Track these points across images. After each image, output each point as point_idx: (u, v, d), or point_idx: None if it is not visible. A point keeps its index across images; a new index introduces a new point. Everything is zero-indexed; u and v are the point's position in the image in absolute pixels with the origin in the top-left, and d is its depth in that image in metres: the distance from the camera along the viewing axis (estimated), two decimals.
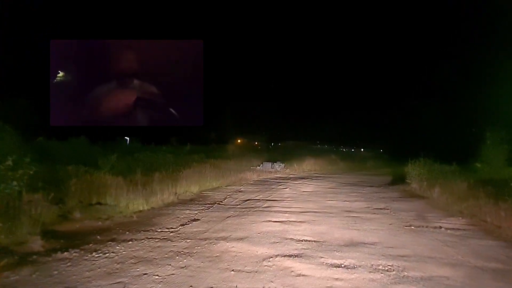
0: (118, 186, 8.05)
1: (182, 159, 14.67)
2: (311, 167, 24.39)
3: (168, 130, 22.97)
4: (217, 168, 16.41)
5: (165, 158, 12.45)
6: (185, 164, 13.50)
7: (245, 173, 17.16)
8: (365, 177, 19.18)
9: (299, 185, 13.99)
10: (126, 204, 7.68)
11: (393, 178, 17.57)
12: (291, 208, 8.90)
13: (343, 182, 15.74)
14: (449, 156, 25.35)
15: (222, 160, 20.24)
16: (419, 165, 12.76)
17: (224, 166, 18.36)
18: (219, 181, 13.48)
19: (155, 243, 5.49)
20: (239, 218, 7.53)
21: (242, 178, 15.68)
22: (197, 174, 12.59)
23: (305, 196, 11.24)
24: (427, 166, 12.58)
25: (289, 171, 21.41)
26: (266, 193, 11.50)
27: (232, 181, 14.45)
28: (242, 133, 39.78)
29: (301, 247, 5.46)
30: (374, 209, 9.04)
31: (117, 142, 26.86)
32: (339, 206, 9.44)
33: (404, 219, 7.80)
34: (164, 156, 12.52)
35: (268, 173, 19.52)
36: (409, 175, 12.86)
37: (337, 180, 16.61)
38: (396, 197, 11.18)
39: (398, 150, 37.66)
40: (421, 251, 5.40)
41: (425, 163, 12.74)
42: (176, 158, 13.70)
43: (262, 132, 41.84)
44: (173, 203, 9.19)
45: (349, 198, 10.83)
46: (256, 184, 14.13)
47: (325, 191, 12.62)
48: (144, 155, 11.83)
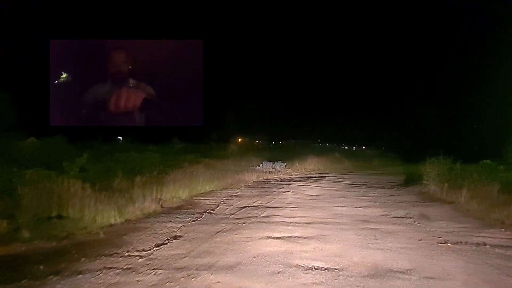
0: (85, 194, 6.62)
1: (172, 159, 13.23)
2: (314, 166, 22.95)
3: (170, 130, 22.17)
4: (212, 168, 14.99)
5: (152, 159, 11.03)
6: (176, 165, 12.07)
7: (243, 174, 15.74)
8: (373, 177, 17.74)
9: (302, 188, 12.56)
10: (93, 217, 6.26)
11: (404, 178, 16.13)
12: (295, 217, 7.47)
13: (351, 183, 14.31)
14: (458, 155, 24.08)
15: (219, 160, 18.81)
16: (438, 164, 11.29)
17: (221, 166, 16.95)
18: (213, 183, 12.05)
19: (113, 277, 4.06)
20: (232, 233, 6.10)
21: (239, 180, 14.26)
22: (188, 176, 11.16)
23: (310, 201, 9.81)
24: (447, 165, 11.12)
25: (291, 171, 19.98)
26: (265, 198, 10.07)
27: (228, 183, 13.02)
28: (244, 132, 38.55)
29: (311, 281, 4.03)
30: (394, 217, 7.61)
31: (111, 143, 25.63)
32: (351, 214, 8.01)
33: (435, 231, 6.37)
34: (151, 156, 11.09)
35: (268, 173, 18.09)
36: (427, 176, 11.40)
37: (343, 181, 15.18)
38: (415, 202, 9.74)
39: (402, 149, 36.36)
40: (475, 284, 3.97)
41: (444, 162, 11.26)
42: (165, 158, 12.27)
43: (263, 131, 40.52)
44: (155, 213, 7.76)
45: (361, 203, 9.41)
46: (255, 187, 12.70)
47: (332, 194, 11.19)
48: (127, 155, 10.40)
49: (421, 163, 27.44)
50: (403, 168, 24.48)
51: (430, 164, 11.45)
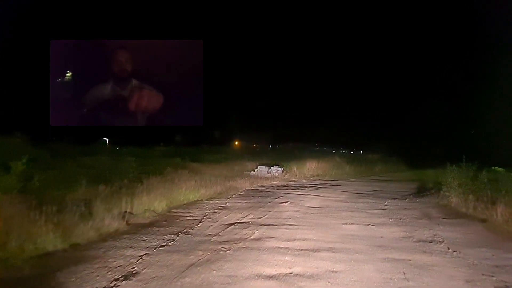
0: (14, 212, 4.97)
1: (154, 163, 11.60)
2: (313, 171, 21.36)
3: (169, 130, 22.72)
4: (201, 174, 13.38)
5: (128, 163, 9.43)
6: (155, 171, 10.44)
7: (236, 181, 14.14)
8: (380, 184, 16.14)
9: (302, 197, 10.96)
10: (20, 244, 4.61)
11: (415, 187, 14.56)
12: (295, 240, 5.87)
13: (356, 192, 12.71)
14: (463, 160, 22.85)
15: (210, 165, 17.22)
16: (460, 171, 9.70)
17: (211, 171, 15.35)
18: (199, 192, 10.42)
19: None
20: (209, 268, 4.47)
21: (231, 188, 12.64)
22: (168, 184, 9.54)
23: (312, 215, 8.20)
24: (470, 173, 9.54)
25: (289, 177, 18.36)
26: (258, 212, 8.46)
27: (217, 192, 11.40)
28: (241, 134, 37.38)
29: None
30: (419, 241, 6.01)
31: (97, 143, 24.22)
32: (365, 235, 6.41)
33: (481, 265, 4.77)
34: (127, 160, 9.48)
35: (264, 179, 16.48)
36: (446, 185, 9.82)
37: (347, 189, 13.58)
38: (437, 218, 8.14)
39: (405, 153, 34.87)
40: None
41: (467, 169, 9.68)
42: (145, 162, 10.68)
43: (261, 134, 39.17)
44: (117, 233, 6.13)
45: (373, 219, 7.82)
46: (248, 196, 11.08)
47: (337, 206, 9.59)
48: (94, 159, 8.78)
49: (428, 169, 26.06)
50: (409, 174, 22.95)
51: (451, 172, 9.82)
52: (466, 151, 29.00)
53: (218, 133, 31.40)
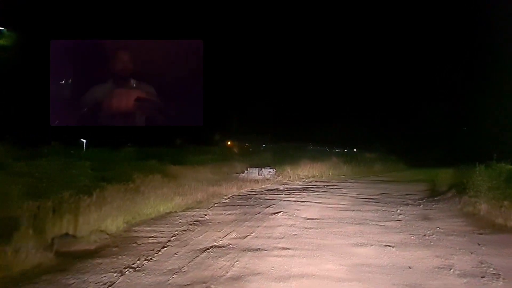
0: None
1: (118, 168, 9.73)
2: (309, 172, 19.65)
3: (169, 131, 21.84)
4: (180, 179, 11.57)
5: (81, 169, 7.59)
6: (119, 177, 8.58)
7: (221, 185, 12.34)
8: (383, 186, 14.43)
9: (297, 205, 9.19)
10: None
11: (425, 189, 12.93)
12: (290, 280, 4.08)
13: (359, 196, 10.97)
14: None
15: (193, 167, 15.38)
16: (489, 172, 8.02)
17: (193, 175, 13.54)
18: (173, 202, 8.59)
19: None
20: None
21: (214, 194, 10.83)
22: (132, 195, 7.69)
23: (311, 232, 6.43)
24: (503, 175, 7.86)
25: (282, 179, 16.62)
26: (243, 228, 6.67)
27: (196, 200, 9.58)
28: (236, 134, 35.88)
29: None
30: (464, 275, 4.25)
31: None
32: (385, 264, 4.64)
33: None
34: (80, 165, 7.63)
35: (254, 182, 14.69)
36: (473, 189, 8.12)
37: (349, 193, 11.84)
38: (469, 231, 6.42)
39: (403, 152, 33.37)
40: None
41: (499, 169, 7.99)
42: (105, 167, 8.84)
43: (254, 134, 37.57)
44: (35, 271, 4.27)
45: (389, 236, 6.07)
46: (233, 205, 9.27)
47: (341, 217, 7.83)
48: (34, 165, 6.91)
49: (429, 168, 24.55)
50: (411, 174, 21.42)
51: (480, 173, 8.12)
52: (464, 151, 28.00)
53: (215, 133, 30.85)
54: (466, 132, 38.20)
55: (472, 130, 36.74)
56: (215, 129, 29.27)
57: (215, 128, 28.77)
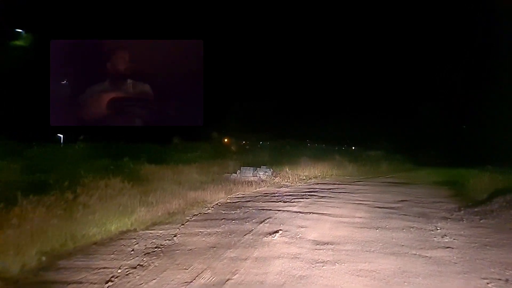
0: None
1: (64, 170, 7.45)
2: (310, 172, 17.45)
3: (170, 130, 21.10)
4: (153, 182, 9.33)
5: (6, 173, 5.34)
6: (58, 183, 6.30)
7: (207, 189, 10.11)
8: (399, 189, 12.21)
9: (301, 219, 6.96)
10: None
11: (450, 193, 10.75)
12: None
13: (377, 205, 8.76)
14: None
15: (176, 167, 13.14)
16: None
17: (174, 176, 11.29)
18: (133, 215, 6.35)
19: None
20: None
21: (195, 202, 8.60)
22: (67, 208, 5.43)
23: (326, 271, 4.20)
24: None
25: (280, 180, 14.38)
26: (223, 263, 4.45)
27: (169, 211, 7.34)
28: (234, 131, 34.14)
29: None
30: None
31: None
32: None
33: None
34: None
35: (247, 184, 12.42)
36: None
37: (362, 200, 9.63)
38: None
39: (408, 150, 31.37)
40: None
41: None
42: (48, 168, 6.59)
43: (253, 131, 35.75)
44: None
45: (453, 283, 3.87)
46: (216, 219, 7.03)
47: (363, 239, 5.62)
48: None
49: (441, 168, 22.47)
50: (423, 175, 19.27)
51: None
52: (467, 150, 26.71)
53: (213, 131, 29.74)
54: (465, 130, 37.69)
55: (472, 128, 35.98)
56: (214, 126, 28.83)
57: (214, 126, 28.45)
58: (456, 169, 21.03)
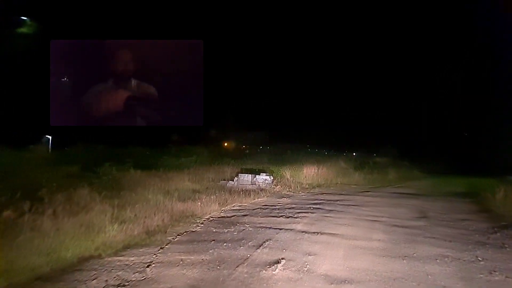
0: None
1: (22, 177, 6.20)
2: (313, 179, 16.24)
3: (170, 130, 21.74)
4: (136, 191, 8.08)
5: None
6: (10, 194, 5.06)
7: (198, 200, 8.90)
8: (415, 202, 10.91)
9: (307, 243, 5.71)
10: None
11: (476, 209, 9.48)
12: None
13: (396, 223, 7.48)
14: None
15: (167, 173, 11.91)
16: None
17: (161, 184, 10.05)
18: (102, 236, 5.09)
19: None
20: None
21: (182, 216, 7.35)
22: (8, 228, 4.18)
23: None
24: None
25: (281, 189, 13.15)
26: None
27: (151, 227, 6.09)
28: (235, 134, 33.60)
29: None
30: None
31: None
32: None
33: None
34: None
35: (244, 194, 11.17)
36: None
37: (376, 215, 8.37)
38: None
39: (416, 156, 30.10)
40: None
41: None
42: None
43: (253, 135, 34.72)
44: None
45: None
46: (204, 240, 5.76)
47: (390, 275, 4.35)
48: None
49: (451, 176, 21.22)
50: (435, 184, 18.02)
51: None
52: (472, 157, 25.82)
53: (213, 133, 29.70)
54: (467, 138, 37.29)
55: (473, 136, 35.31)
56: (215, 129, 28.79)
57: (214, 128, 28.41)
58: (469, 178, 19.79)
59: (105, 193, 6.47)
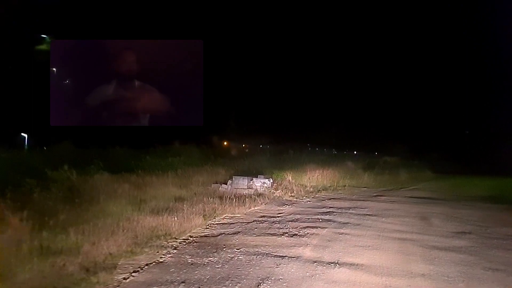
0: None
1: None
2: (317, 181, 14.45)
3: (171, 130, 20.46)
4: (95, 204, 6.26)
5: None
6: None
7: (180, 211, 7.08)
8: (440, 209, 9.05)
9: (321, 283, 3.88)
10: None
11: None
12: None
13: (433, 243, 5.65)
14: None
15: (146, 177, 10.08)
16: None
17: (134, 192, 8.22)
18: (7, 280, 3.26)
19: None
20: None
21: (154, 235, 5.50)
22: None
23: None
24: None
25: (281, 194, 11.29)
26: None
27: (98, 259, 4.25)
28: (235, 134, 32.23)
29: None
30: None
31: None
32: None
33: None
34: None
35: (238, 201, 9.29)
36: None
37: (402, 230, 6.54)
38: None
39: (426, 156, 28.35)
40: None
41: None
42: None
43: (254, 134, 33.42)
44: None
45: None
46: (170, 282, 3.93)
47: None
48: None
49: (468, 177, 19.42)
50: (453, 185, 16.16)
51: None
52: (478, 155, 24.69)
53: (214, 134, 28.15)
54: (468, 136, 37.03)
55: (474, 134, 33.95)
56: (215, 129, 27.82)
57: (215, 128, 27.50)
58: (485, 179, 18.06)
59: (37, 208, 4.63)
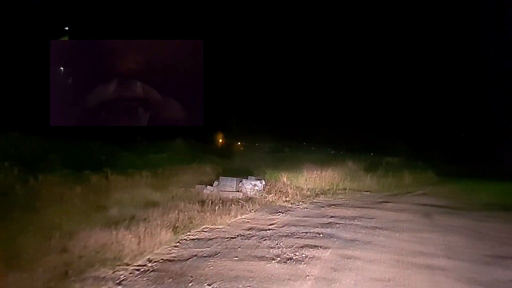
0: None
1: None
2: (315, 183, 13.10)
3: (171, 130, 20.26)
4: (29, 214, 4.72)
5: None
6: None
7: (144, 222, 5.59)
8: (461, 221, 7.65)
9: None
10: None
11: None
12: None
13: (474, 276, 4.25)
14: None
15: (119, 175, 8.61)
16: None
17: (90, 196, 6.76)
18: None
19: None
20: None
21: (95, 260, 4.02)
22: None
23: None
24: None
25: (275, 199, 9.86)
26: None
27: None
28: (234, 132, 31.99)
29: None
30: None
31: None
32: None
33: None
34: None
35: (223, 208, 7.81)
36: None
37: (425, 252, 5.15)
38: None
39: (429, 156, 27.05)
40: None
41: None
42: None
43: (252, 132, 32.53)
44: None
45: None
46: None
47: None
48: None
49: (474, 180, 18.03)
50: (461, 189, 14.67)
51: None
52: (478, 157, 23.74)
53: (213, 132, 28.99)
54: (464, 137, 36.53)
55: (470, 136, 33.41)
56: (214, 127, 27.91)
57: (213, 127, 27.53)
58: (496, 183, 16.63)
59: None
